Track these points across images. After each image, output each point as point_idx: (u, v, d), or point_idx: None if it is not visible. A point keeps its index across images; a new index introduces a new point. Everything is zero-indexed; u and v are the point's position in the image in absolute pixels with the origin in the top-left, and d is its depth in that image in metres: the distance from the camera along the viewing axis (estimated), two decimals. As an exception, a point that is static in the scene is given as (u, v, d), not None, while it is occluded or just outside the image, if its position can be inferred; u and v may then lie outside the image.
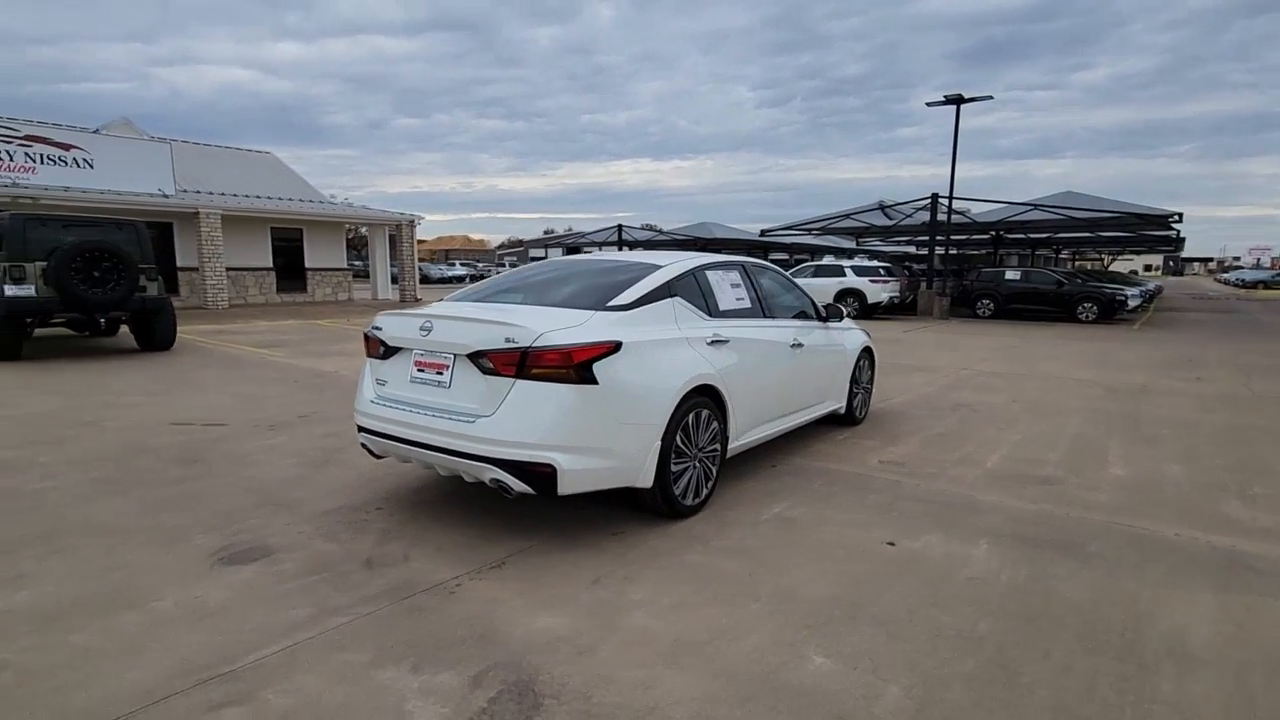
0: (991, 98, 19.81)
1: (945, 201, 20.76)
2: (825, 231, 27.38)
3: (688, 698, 2.18)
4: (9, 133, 15.52)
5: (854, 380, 5.87)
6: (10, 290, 9.25)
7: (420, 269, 32.57)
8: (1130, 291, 20.34)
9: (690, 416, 3.67)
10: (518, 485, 3.13)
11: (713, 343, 3.94)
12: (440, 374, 3.41)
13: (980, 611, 2.77)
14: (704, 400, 3.79)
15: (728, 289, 4.41)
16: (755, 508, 3.96)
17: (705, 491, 3.88)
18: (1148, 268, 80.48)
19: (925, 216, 22.14)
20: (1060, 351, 11.92)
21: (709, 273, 4.30)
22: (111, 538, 3.38)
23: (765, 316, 4.66)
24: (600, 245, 38.49)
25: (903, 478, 4.57)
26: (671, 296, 3.88)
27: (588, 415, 3.17)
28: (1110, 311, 18.76)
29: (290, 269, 21.48)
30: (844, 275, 20.58)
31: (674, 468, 3.59)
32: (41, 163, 15.89)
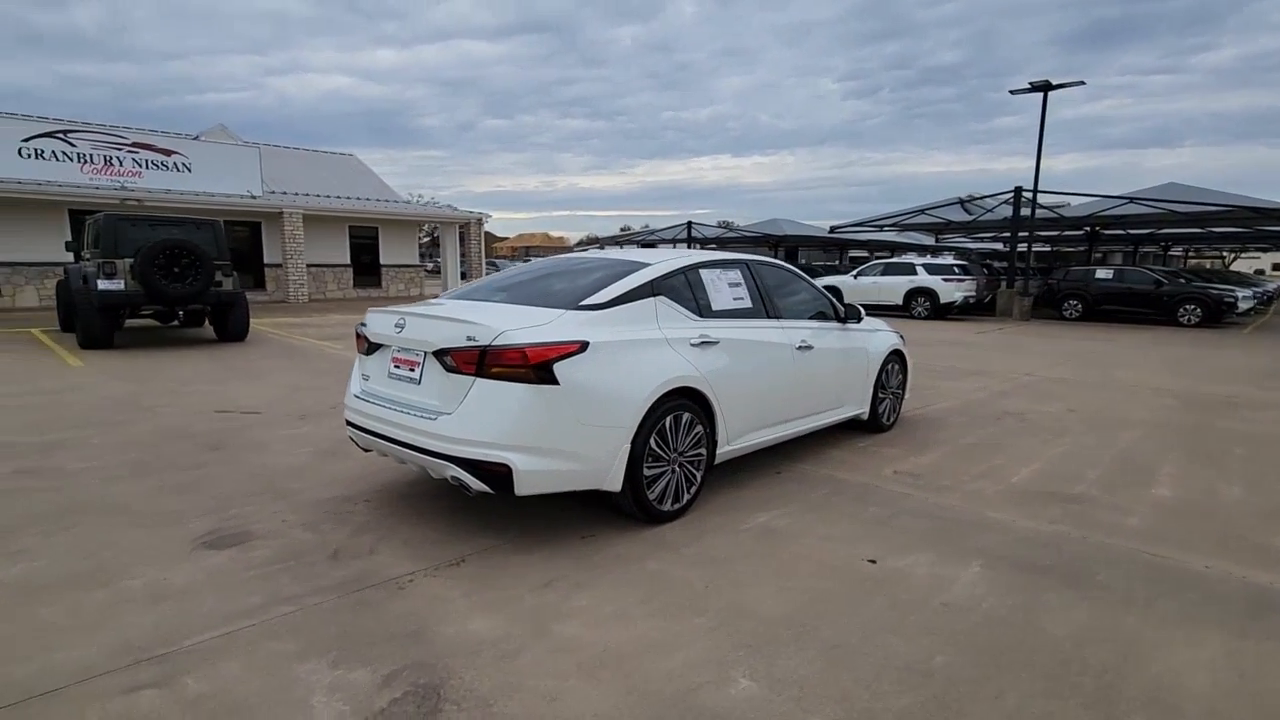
0: (1083, 83, 18.38)
1: (1030, 195, 19.47)
2: (901, 227, 26.27)
3: (590, 713, 2.11)
4: (118, 140, 17.01)
5: (880, 385, 5.58)
6: (103, 284, 10.11)
7: (496, 265, 33.55)
8: (1242, 293, 18.47)
9: (668, 419, 3.57)
10: (475, 484, 3.13)
11: (699, 344, 3.82)
12: (413, 370, 3.46)
13: (942, 642, 2.55)
14: (685, 403, 3.68)
15: (725, 288, 4.26)
16: (740, 515, 3.81)
17: (687, 497, 3.77)
18: (1277, 266, 72.87)
19: (1008, 211, 20.85)
20: (1145, 357, 10.95)
21: (704, 271, 4.17)
22: (117, 518, 3.61)
23: (769, 317, 4.49)
24: (674, 242, 38.43)
25: (913, 490, 4.29)
26: (654, 296, 3.78)
27: (547, 416, 3.13)
28: (1216, 315, 17.09)
29: (366, 265, 22.55)
30: (915, 274, 19.70)
31: (647, 472, 3.50)
32: (146, 167, 17.34)
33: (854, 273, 21.20)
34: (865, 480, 4.48)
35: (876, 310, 19.79)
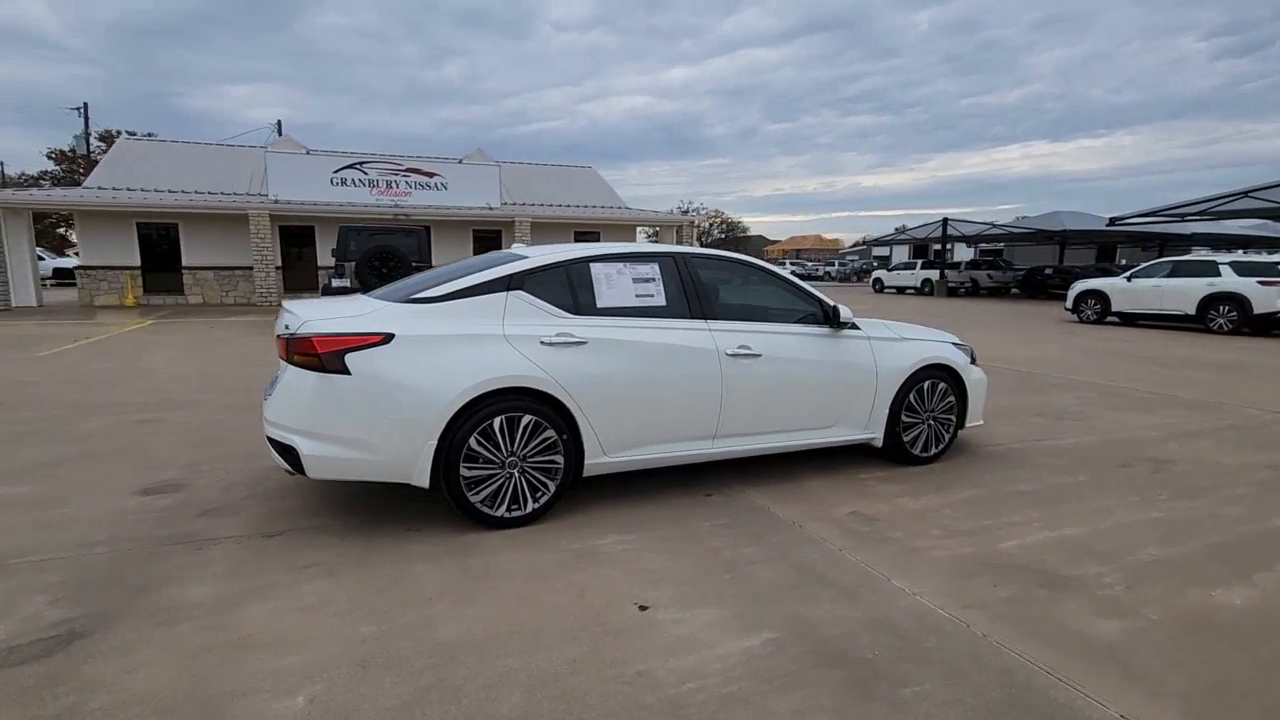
0: None
1: None
2: (1216, 215, 20.35)
3: (156, 689, 2.15)
4: (396, 167, 20.93)
5: (909, 406, 4.52)
6: (335, 283, 12.62)
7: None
8: None
9: (499, 420, 3.38)
10: (281, 463, 3.33)
11: (555, 342, 3.53)
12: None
13: (566, 709, 2.05)
14: (529, 405, 3.44)
15: (623, 284, 3.86)
16: (585, 533, 3.44)
17: (533, 505, 3.51)
18: None
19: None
20: None
21: (595, 266, 3.82)
22: (111, 463, 4.55)
23: (693, 317, 3.94)
24: (926, 241, 34.90)
25: (841, 537, 3.44)
26: (510, 290, 3.59)
27: (335, 404, 3.20)
28: None
29: (589, 268, 24.48)
30: (1217, 274, 15.17)
31: (469, 473, 3.35)
32: (415, 188, 21.05)
33: (1127, 274, 17.02)
34: (797, 517, 3.70)
35: (1163, 321, 15.73)
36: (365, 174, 20.42)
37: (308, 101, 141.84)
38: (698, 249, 4.29)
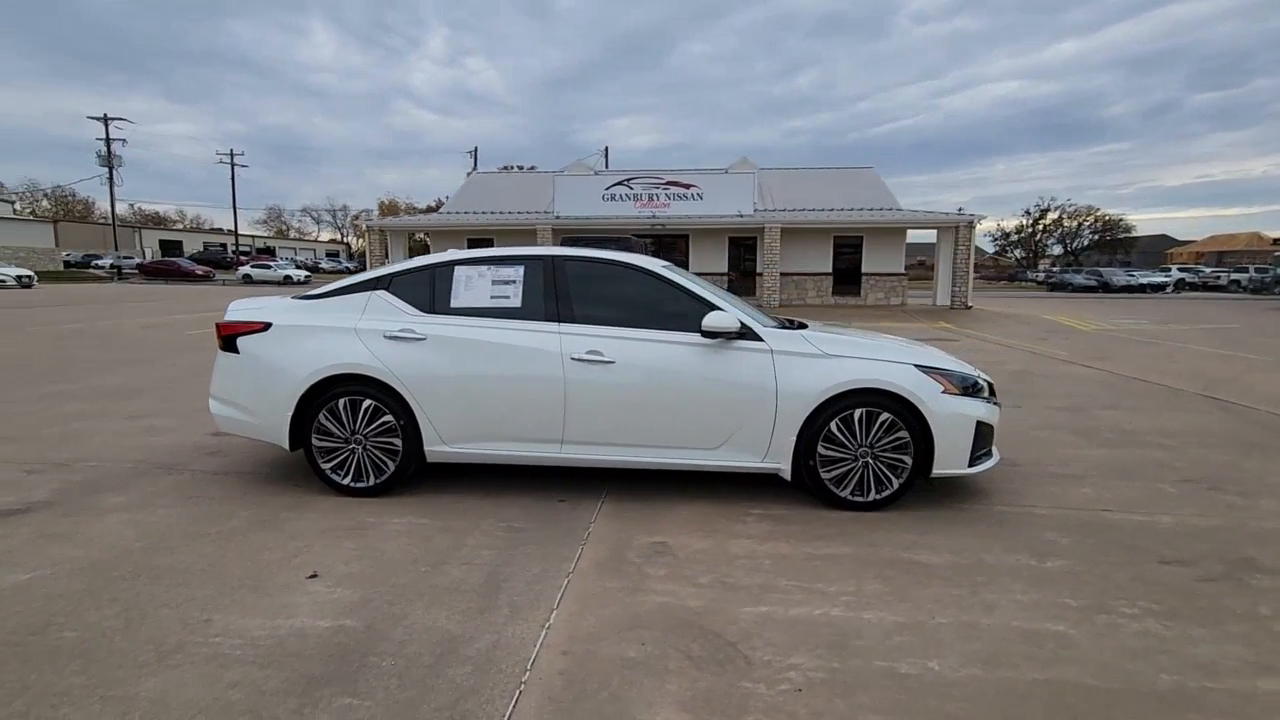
0: None
1: None
2: None
3: (-14, 546, 3.24)
4: (657, 180, 22.63)
5: (829, 438, 3.78)
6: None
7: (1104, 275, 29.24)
8: None
9: (343, 402, 3.92)
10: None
11: (397, 337, 3.92)
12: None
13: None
14: (370, 391, 3.91)
15: (482, 286, 4.03)
16: (383, 511, 3.76)
17: (376, 480, 3.96)
18: None
19: None
20: None
21: (460, 269, 4.08)
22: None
23: (549, 319, 3.93)
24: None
25: (602, 563, 3.19)
26: (376, 290, 4.08)
27: (230, 375, 4.09)
28: None
29: (847, 274, 23.12)
30: None
31: (319, 443, 3.96)
32: (674, 199, 22.50)
33: None
34: (604, 534, 3.49)
35: None
36: (630, 189, 22.55)
37: (672, 126, 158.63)
38: (579, 251, 4.21)
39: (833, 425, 3.78)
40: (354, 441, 3.96)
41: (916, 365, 3.86)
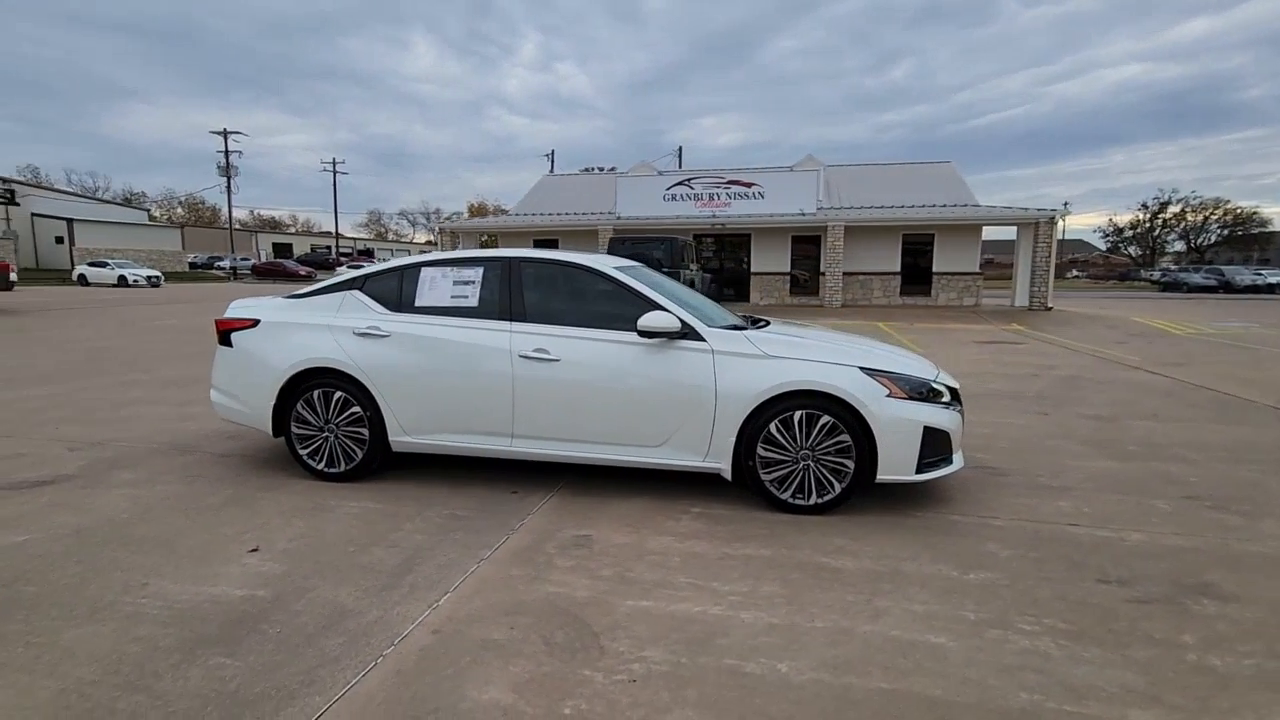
0: None
1: None
2: None
3: None
4: (719, 179, 22.50)
5: (768, 439, 3.77)
6: (603, 286, 14.66)
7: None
8: None
9: (316, 393, 4.25)
10: (223, 406, 4.78)
11: (364, 334, 4.20)
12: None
13: None
14: (340, 384, 4.22)
15: (445, 286, 4.25)
16: (341, 494, 4.04)
17: (345, 466, 4.27)
18: None
19: None
20: None
21: (426, 270, 4.32)
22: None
23: (502, 318, 4.10)
24: None
25: (516, 552, 3.33)
26: (350, 290, 4.38)
27: (225, 367, 4.51)
28: None
29: (916, 273, 22.17)
30: None
31: (297, 431, 4.31)
32: (735, 198, 22.31)
33: None
34: (535, 525, 3.63)
35: None
36: (691, 189, 22.54)
37: (757, 124, 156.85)
38: (537, 253, 4.34)
39: (772, 427, 3.75)
40: (327, 430, 4.27)
41: (862, 368, 3.77)
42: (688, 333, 3.89)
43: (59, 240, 43.52)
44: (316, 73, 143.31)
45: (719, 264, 24.02)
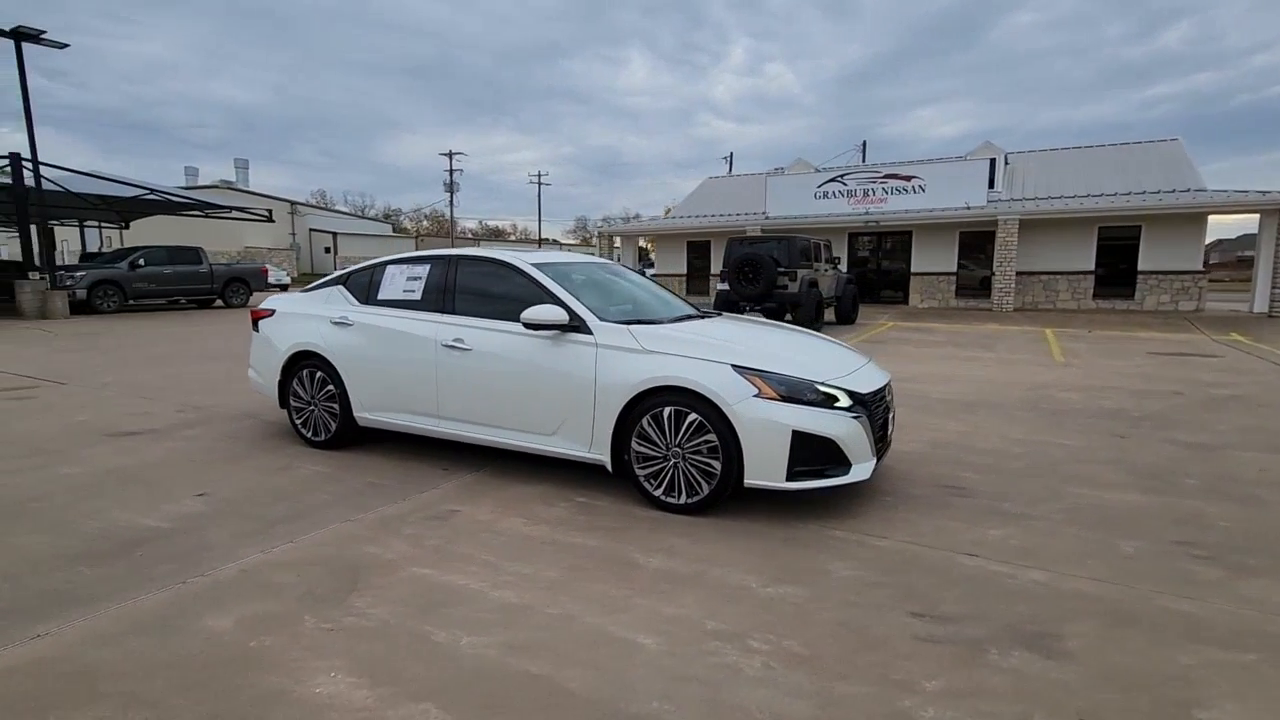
0: None
1: None
2: None
3: None
4: (874, 175, 21.09)
5: (641, 434, 3.78)
6: (719, 287, 14.62)
7: None
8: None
9: (304, 372, 5.02)
10: (262, 382, 5.77)
11: (336, 322, 4.87)
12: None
13: None
14: (316, 364, 4.94)
15: (401, 282, 4.76)
16: (318, 460, 4.70)
17: (325, 435, 4.98)
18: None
19: None
20: None
21: (390, 267, 4.87)
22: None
23: (438, 311, 4.53)
24: None
25: (382, 522, 3.74)
26: (337, 285, 5.08)
27: (254, 349, 5.45)
28: None
29: (1116, 273, 18.87)
30: None
31: (294, 403, 5.12)
32: (891, 193, 20.77)
33: None
34: (432, 501, 4.02)
35: None
36: (844, 185, 21.40)
37: (988, 110, 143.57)
38: (474, 252, 4.68)
39: (644, 422, 3.75)
40: (313, 404, 5.02)
41: (734, 365, 3.62)
42: (578, 325, 4.01)
43: (327, 250, 52.90)
44: (542, 94, 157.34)
45: (876, 264, 22.53)
